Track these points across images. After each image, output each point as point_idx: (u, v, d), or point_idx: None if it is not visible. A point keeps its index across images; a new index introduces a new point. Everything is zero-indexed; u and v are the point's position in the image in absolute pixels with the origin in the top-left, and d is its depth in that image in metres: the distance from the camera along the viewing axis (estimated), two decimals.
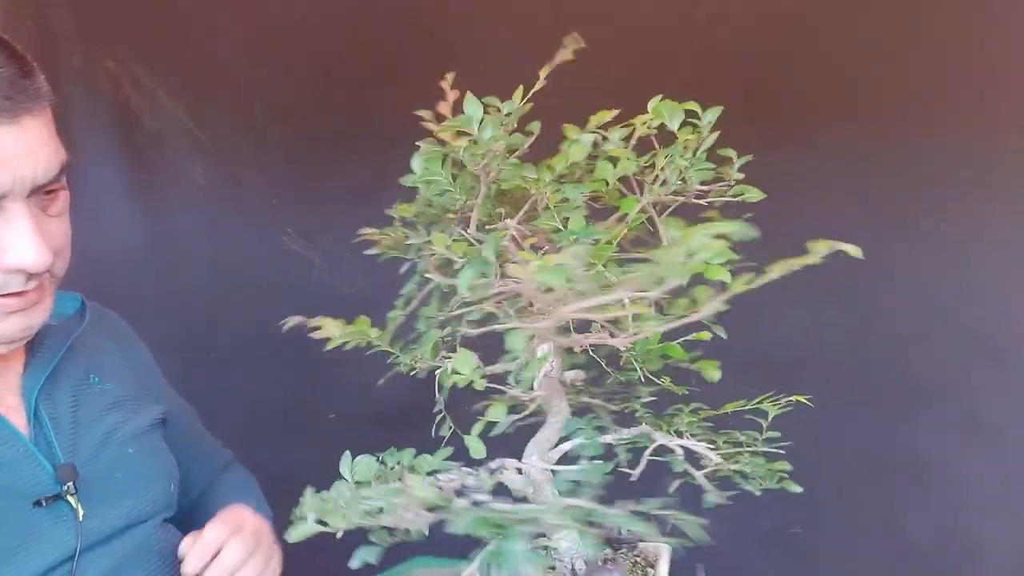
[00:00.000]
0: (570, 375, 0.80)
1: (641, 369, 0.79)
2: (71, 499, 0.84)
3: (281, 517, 1.13)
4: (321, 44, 1.63)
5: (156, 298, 1.73)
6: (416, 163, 0.68)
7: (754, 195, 0.72)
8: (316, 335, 0.72)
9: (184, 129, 1.70)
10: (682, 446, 0.76)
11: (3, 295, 0.79)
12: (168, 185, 1.75)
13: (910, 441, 1.62)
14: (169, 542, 0.93)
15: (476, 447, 0.69)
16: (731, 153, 0.72)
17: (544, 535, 0.75)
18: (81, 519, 0.84)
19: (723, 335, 0.70)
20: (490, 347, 0.69)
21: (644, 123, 0.70)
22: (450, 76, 0.66)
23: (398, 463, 0.71)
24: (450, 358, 0.70)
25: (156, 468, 0.96)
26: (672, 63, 1.47)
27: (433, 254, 0.70)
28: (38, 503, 0.82)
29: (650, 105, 0.69)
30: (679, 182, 0.72)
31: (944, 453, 1.58)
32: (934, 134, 1.55)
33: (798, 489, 0.75)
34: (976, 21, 1.53)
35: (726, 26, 1.55)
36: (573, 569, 0.77)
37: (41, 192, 0.79)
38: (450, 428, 0.84)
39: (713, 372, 0.69)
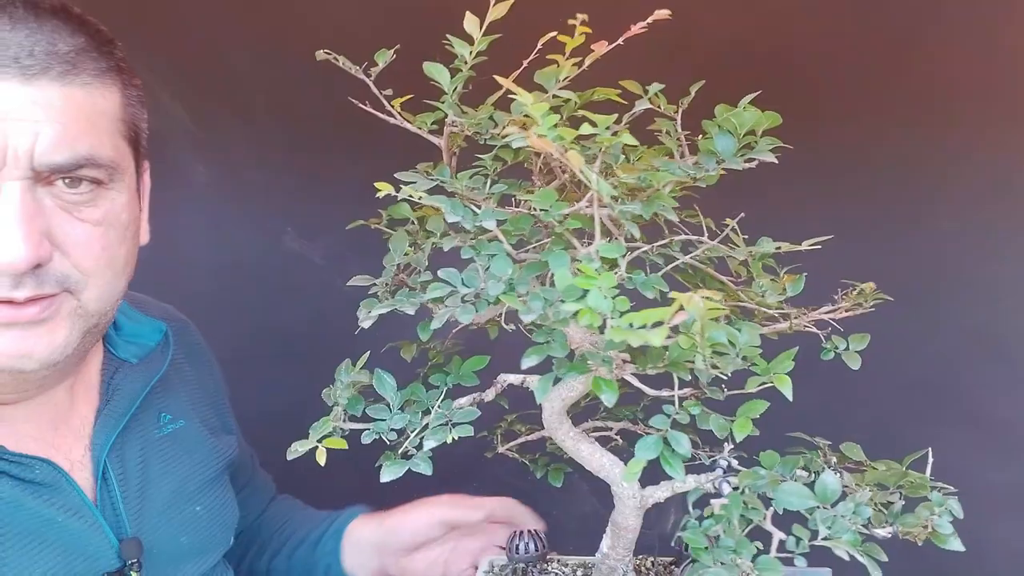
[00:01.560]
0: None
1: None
2: (134, 575, 0.78)
3: None
4: (321, 42, 1.63)
5: (156, 298, 1.73)
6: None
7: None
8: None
9: (185, 129, 1.69)
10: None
11: None
12: (169, 185, 1.74)
13: (911, 441, 1.61)
14: None
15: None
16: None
17: None
18: None
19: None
20: None
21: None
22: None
23: None
24: None
25: (220, 525, 0.91)
26: (672, 60, 1.47)
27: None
28: None
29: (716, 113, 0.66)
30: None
31: (946, 452, 1.58)
32: (935, 134, 1.55)
33: None
34: (978, 21, 1.53)
35: (727, 25, 1.55)
36: None
37: (59, 180, 0.68)
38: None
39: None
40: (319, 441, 0.67)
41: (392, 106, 0.68)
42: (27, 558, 0.72)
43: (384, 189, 0.64)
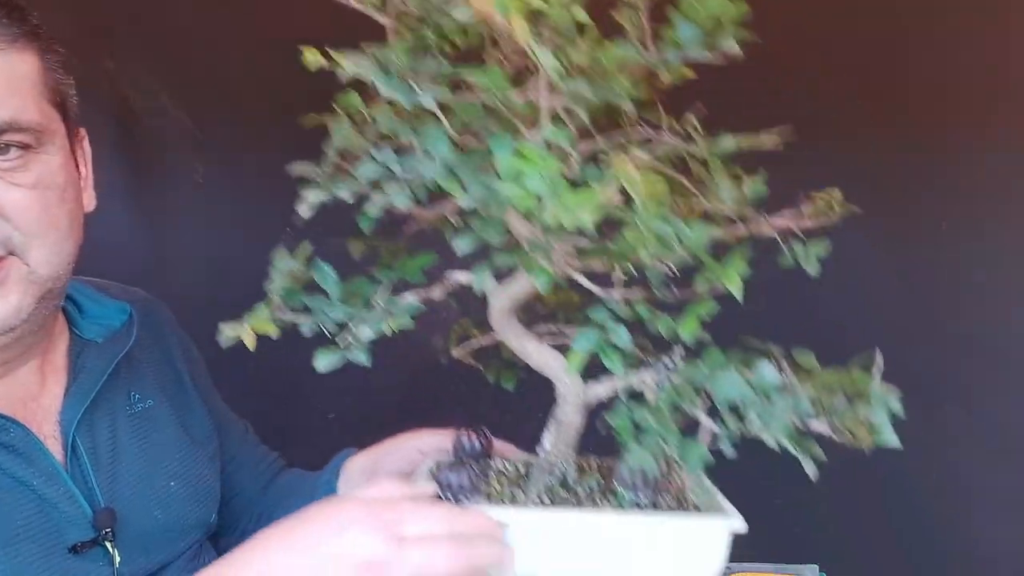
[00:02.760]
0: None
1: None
2: (108, 545, 0.77)
3: None
4: (320, 43, 1.63)
5: (155, 296, 1.73)
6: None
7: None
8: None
9: (184, 129, 1.69)
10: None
11: None
12: (168, 185, 1.75)
13: (909, 442, 1.61)
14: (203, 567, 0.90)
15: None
16: None
17: None
18: (117, 565, 0.78)
19: None
20: None
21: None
22: None
23: None
24: None
25: (197, 502, 0.90)
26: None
27: None
28: (73, 549, 0.75)
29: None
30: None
31: (944, 454, 1.57)
32: (935, 134, 1.55)
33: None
34: (980, 22, 1.53)
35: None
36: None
37: None
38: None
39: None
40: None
41: None
42: (4, 510, 0.73)
43: (311, 55, 0.61)
